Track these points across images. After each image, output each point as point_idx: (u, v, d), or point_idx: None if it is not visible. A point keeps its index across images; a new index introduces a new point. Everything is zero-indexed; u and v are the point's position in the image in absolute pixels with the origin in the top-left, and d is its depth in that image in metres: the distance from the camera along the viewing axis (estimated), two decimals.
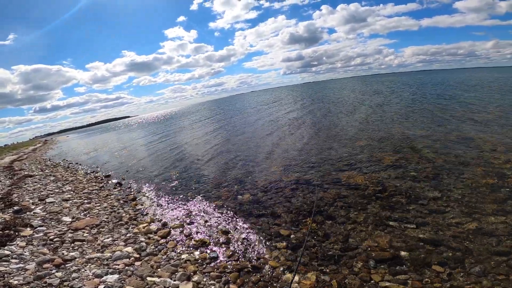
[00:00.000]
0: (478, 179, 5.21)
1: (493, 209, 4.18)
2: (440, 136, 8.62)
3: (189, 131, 22.75)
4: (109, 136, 39.26)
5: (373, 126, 11.67)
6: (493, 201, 4.38)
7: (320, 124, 14.35)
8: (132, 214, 5.89)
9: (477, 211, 4.19)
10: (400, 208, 4.60)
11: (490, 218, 3.96)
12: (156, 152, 14.43)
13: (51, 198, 7.08)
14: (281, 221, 4.79)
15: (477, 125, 9.46)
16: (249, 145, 11.84)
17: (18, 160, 19.65)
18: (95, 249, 4.12)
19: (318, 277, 3.28)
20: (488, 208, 4.21)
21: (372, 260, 3.46)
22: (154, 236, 4.68)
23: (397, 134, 9.60)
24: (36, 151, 29.63)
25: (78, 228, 4.92)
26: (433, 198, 4.78)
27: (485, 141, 7.47)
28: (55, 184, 9.13)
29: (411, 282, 3.02)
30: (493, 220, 3.90)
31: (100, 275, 3.31)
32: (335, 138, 10.43)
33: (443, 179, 5.46)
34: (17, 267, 3.34)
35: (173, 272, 3.50)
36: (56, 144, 40.70)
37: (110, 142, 26.88)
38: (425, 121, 11.34)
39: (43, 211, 5.87)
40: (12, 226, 4.73)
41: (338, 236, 4.08)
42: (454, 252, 3.37)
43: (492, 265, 3.08)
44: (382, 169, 6.45)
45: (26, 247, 4.00)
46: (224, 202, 6.00)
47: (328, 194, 5.56)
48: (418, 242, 3.67)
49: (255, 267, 3.60)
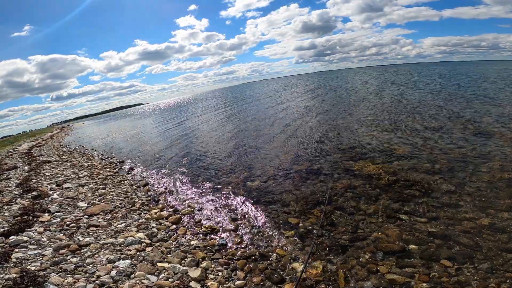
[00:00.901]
0: (494, 174, 5.04)
1: (507, 205, 4.04)
2: (457, 128, 8.32)
3: (200, 118, 22.90)
4: (123, 122, 40.04)
5: (386, 116, 11.39)
6: (509, 197, 4.24)
7: (332, 113, 14.12)
8: (145, 199, 6.05)
9: (491, 206, 4.07)
10: (412, 201, 4.52)
11: (503, 214, 3.84)
12: (168, 138, 14.66)
13: (68, 183, 7.34)
14: (290, 210, 4.81)
15: (496, 118, 9.06)
16: (259, 133, 11.84)
17: (37, 146, 20.36)
18: (108, 235, 4.28)
19: (325, 267, 3.30)
20: (503, 204, 4.07)
21: (380, 252, 3.44)
22: (165, 222, 4.80)
23: (412, 125, 9.34)
24: (53, 138, 30.62)
25: (93, 214, 5.10)
26: (446, 191, 4.67)
27: (504, 135, 7.16)
28: (72, 169, 9.45)
29: (418, 275, 2.99)
30: (506, 216, 3.77)
31: (113, 260, 3.44)
32: (347, 127, 10.28)
33: (457, 172, 5.30)
34: (35, 253, 3.49)
35: (183, 258, 3.60)
36: (73, 131, 41.88)
37: (124, 128, 27.45)
38: (441, 112, 10.96)
39: (60, 197, 6.11)
40: (31, 212, 4.95)
41: (347, 227, 4.07)
42: (464, 248, 3.31)
43: (501, 262, 3.01)
44: (395, 160, 6.33)
45: (44, 233, 4.18)
46: (233, 189, 6.07)
47: (339, 184, 5.52)
48: (428, 236, 3.61)
49: (263, 255, 3.66)
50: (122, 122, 41.92)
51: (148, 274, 3.17)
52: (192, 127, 17.90)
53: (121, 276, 3.10)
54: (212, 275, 3.28)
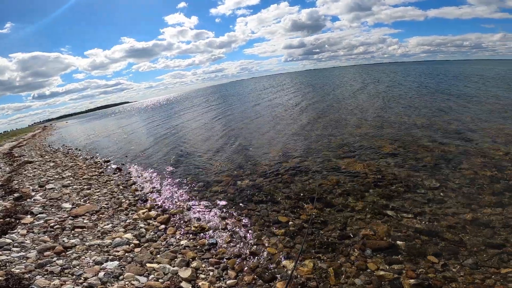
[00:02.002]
0: (477, 170, 5.22)
1: (490, 200, 4.20)
2: (440, 126, 8.59)
3: (188, 116, 22.63)
4: (108, 121, 39.12)
5: (373, 114, 11.62)
6: (491, 193, 4.40)
7: (319, 111, 14.27)
8: (132, 199, 5.93)
9: (474, 202, 4.21)
10: (398, 197, 4.63)
11: (486, 209, 3.98)
12: (155, 137, 14.42)
13: (51, 184, 7.11)
14: (279, 208, 4.83)
15: (478, 116, 9.39)
16: (248, 131, 11.83)
17: (18, 147, 19.64)
18: (95, 236, 4.17)
19: (316, 264, 3.33)
20: (486, 200, 4.23)
21: (369, 248, 3.50)
22: (154, 222, 4.73)
23: (397, 123, 9.56)
24: (35, 137, 29.60)
25: (78, 215, 4.96)
26: (431, 187, 4.80)
27: (486, 132, 7.43)
28: (55, 170, 9.15)
29: (406, 272, 3.06)
30: (489, 212, 3.92)
31: (101, 262, 3.35)
32: (335, 125, 10.42)
33: (441, 169, 5.47)
34: (19, 256, 3.36)
35: (172, 258, 3.55)
36: (55, 130, 40.60)
37: (109, 128, 26.82)
38: (425, 110, 11.28)
39: (43, 198, 5.91)
40: (13, 214, 4.76)
41: (336, 224, 4.12)
42: (449, 243, 3.40)
43: (485, 257, 3.11)
44: (381, 157, 6.46)
45: (27, 235, 4.02)
46: (223, 188, 6.03)
47: (327, 181, 5.58)
48: (415, 232, 3.70)
49: (253, 253, 3.65)
50: (107, 121, 40.98)
51: (137, 275, 3.11)
52: (179, 125, 17.69)
53: (110, 277, 3.02)
54: (203, 274, 3.25)
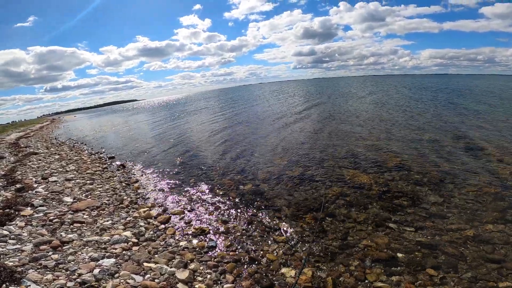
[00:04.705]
0: (481, 187, 5.14)
1: (493, 217, 4.14)
2: (448, 142, 8.46)
3: (194, 118, 22.74)
4: (115, 117, 39.48)
5: (379, 127, 11.52)
6: (494, 210, 4.35)
7: (326, 120, 14.22)
8: (133, 197, 5.93)
9: (476, 218, 4.16)
10: (401, 211, 4.57)
11: (488, 226, 3.94)
12: (161, 137, 14.51)
13: (54, 177, 7.15)
14: (281, 215, 4.79)
15: (487, 134, 9.23)
16: (254, 136, 11.82)
17: (25, 137, 19.88)
18: (93, 232, 4.16)
19: (314, 273, 3.29)
20: (488, 216, 4.18)
21: (368, 259, 3.46)
22: (154, 222, 4.72)
23: (404, 136, 9.46)
24: (43, 129, 29.96)
25: (79, 210, 4.97)
26: (435, 202, 4.74)
27: (493, 150, 7.30)
28: (59, 163, 9.22)
29: (404, 284, 3.02)
30: (491, 228, 3.88)
31: (97, 258, 3.34)
32: (341, 136, 10.34)
33: (446, 185, 5.40)
34: (14, 248, 3.36)
35: (170, 259, 3.53)
36: (63, 123, 41.09)
37: (116, 124, 27.05)
38: (434, 125, 11.12)
39: (45, 190, 5.94)
40: (13, 205, 4.77)
41: (337, 234, 4.08)
42: (449, 257, 3.37)
43: (484, 272, 3.09)
44: (387, 170, 6.38)
45: (25, 228, 4.03)
46: (225, 191, 6.01)
47: (331, 191, 5.54)
48: (415, 245, 3.66)
49: (253, 258, 3.62)
50: (114, 117, 41.34)
51: (133, 274, 3.09)
52: (186, 126, 17.76)
53: (105, 275, 3.00)
54: (200, 277, 3.22)
